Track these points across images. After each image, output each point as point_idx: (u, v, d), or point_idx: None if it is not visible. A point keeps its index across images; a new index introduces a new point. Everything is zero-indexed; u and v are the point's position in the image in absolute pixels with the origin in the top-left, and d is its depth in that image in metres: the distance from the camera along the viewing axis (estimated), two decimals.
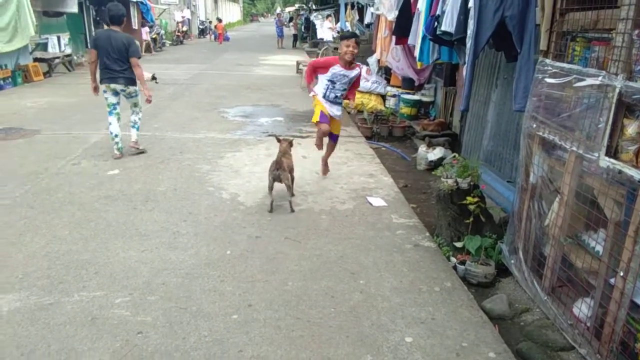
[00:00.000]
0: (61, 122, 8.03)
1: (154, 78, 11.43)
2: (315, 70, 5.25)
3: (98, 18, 19.34)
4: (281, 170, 4.55)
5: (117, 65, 5.95)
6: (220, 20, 30.38)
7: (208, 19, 35.54)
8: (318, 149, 5.54)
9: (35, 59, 12.90)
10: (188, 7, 31.45)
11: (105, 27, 6.35)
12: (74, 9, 14.92)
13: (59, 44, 14.72)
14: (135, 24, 22.09)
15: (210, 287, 3.33)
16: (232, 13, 51.75)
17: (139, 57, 6.20)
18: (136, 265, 3.59)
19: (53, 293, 3.20)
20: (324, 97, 5.16)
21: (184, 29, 28.58)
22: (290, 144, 5.05)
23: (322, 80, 5.16)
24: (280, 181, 4.56)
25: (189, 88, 11.79)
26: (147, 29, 22.49)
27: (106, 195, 4.89)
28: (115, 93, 6.16)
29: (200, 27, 34.11)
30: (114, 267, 3.55)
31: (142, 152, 6.36)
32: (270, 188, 4.62)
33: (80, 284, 3.32)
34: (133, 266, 3.58)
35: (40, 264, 3.56)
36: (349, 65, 5.03)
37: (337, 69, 5.02)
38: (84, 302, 3.11)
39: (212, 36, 31.44)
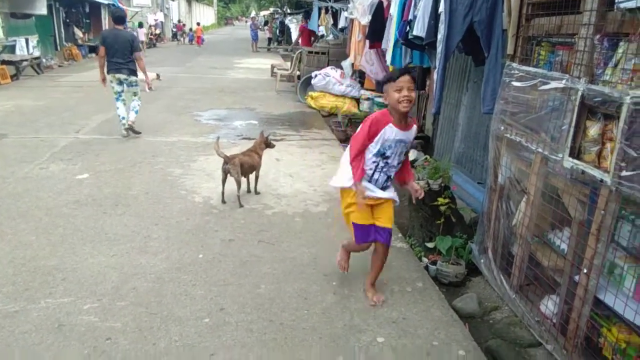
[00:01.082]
0: (29, 125, 7.84)
1: (158, 76, 11.93)
2: (363, 149, 3.01)
3: (68, 20, 19.00)
4: (230, 164, 4.72)
5: (121, 59, 7.05)
6: (199, 24, 31.96)
7: (182, 22, 35.23)
8: (340, 270, 3.51)
9: (2, 62, 12.57)
10: (161, 10, 31.13)
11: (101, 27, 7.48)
12: (43, 10, 14.63)
13: (27, 47, 14.40)
14: (106, 26, 21.80)
15: (182, 292, 3.29)
16: (206, 16, 51.38)
17: (140, 51, 7.46)
18: (105, 270, 3.53)
19: (18, 300, 3.11)
20: (370, 182, 3.09)
21: (157, 31, 28.31)
22: (265, 142, 5.11)
23: (366, 157, 3.03)
24: (231, 175, 4.75)
25: (162, 91, 11.64)
26: (144, 30, 24.26)
27: (75, 200, 4.79)
28: (120, 82, 7.22)
29: (174, 30, 33.81)
30: (82, 273, 3.48)
31: (138, 133, 7.33)
32: (223, 181, 4.84)
33: (47, 290, 3.24)
34: (102, 271, 3.51)
35: (5, 271, 3.46)
36: (405, 121, 2.98)
37: (390, 131, 2.93)
38: (51, 309, 3.03)
39: (187, 39, 31.41)
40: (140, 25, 24.53)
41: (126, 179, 5.47)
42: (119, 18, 7.39)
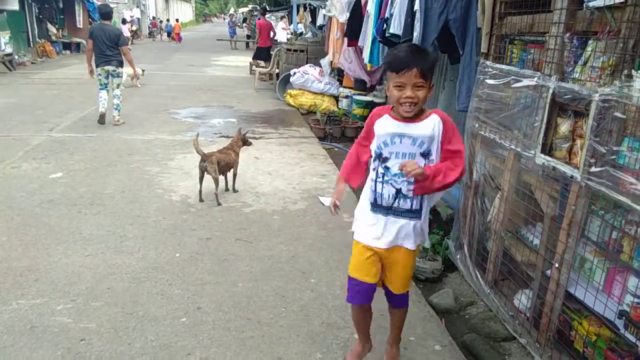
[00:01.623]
0: (0, 124, 7.65)
1: (143, 71, 11.87)
2: (358, 149, 2.49)
3: (41, 16, 18.60)
4: (208, 162, 4.71)
5: (110, 51, 7.66)
6: (177, 21, 32.64)
7: (159, 18, 34.81)
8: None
9: None
10: (137, 7, 30.68)
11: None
12: (15, 6, 14.30)
13: None
14: (80, 23, 21.41)
15: (158, 291, 3.26)
16: (184, 13, 50.81)
17: (126, 45, 8.22)
18: (80, 270, 3.47)
19: None
20: (373, 205, 2.33)
21: (134, 28, 27.91)
22: (241, 137, 5.08)
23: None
24: (208, 172, 4.74)
25: (139, 89, 11.49)
26: (128, 25, 25.07)
27: (48, 200, 4.70)
28: (107, 75, 7.81)
29: (150, 27, 33.41)
30: (56, 274, 3.41)
31: (123, 123, 7.93)
32: (200, 179, 4.83)
33: (19, 291, 3.17)
34: (76, 272, 3.45)
35: None
36: (412, 117, 2.18)
37: (384, 123, 2.26)
38: (23, 311, 2.97)
39: (165, 34, 31.30)
40: (124, 21, 25.17)
41: (101, 177, 5.38)
42: (106, 13, 7.93)
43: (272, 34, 14.66)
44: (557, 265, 2.57)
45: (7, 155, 6.04)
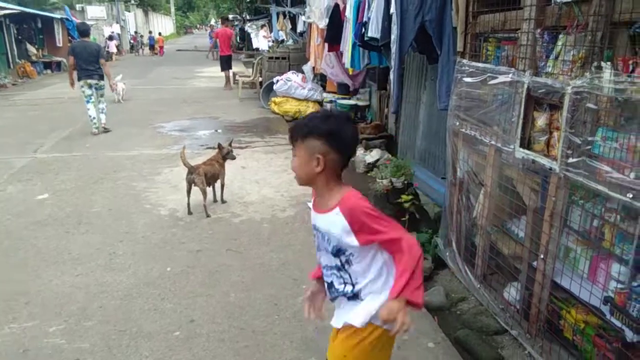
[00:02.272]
0: None
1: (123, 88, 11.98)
2: None
3: (20, 37, 18.48)
4: (195, 174, 4.72)
5: (91, 66, 8.30)
6: (160, 34, 33.79)
7: (139, 33, 34.71)
8: None
9: None
10: (117, 22, 30.57)
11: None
12: None
13: None
14: (60, 42, 21.28)
15: (150, 307, 3.25)
16: (164, 26, 50.68)
17: (106, 60, 9.02)
18: (70, 290, 3.45)
19: None
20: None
21: (116, 43, 27.83)
22: (222, 153, 5.05)
23: None
24: (196, 184, 4.75)
25: (122, 104, 11.44)
26: (115, 41, 26.58)
27: (35, 221, 4.67)
28: (90, 87, 8.37)
29: (131, 42, 33.31)
30: (47, 295, 3.40)
31: (109, 130, 8.54)
32: (188, 191, 4.83)
33: (10, 315, 3.16)
34: (67, 292, 3.43)
35: None
36: (323, 198, 1.79)
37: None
38: (15, 334, 2.96)
39: (147, 48, 31.50)
40: (111, 38, 26.49)
41: (88, 196, 5.36)
42: (85, 31, 8.72)
43: (232, 43, 14.64)
44: (542, 257, 2.61)
45: None
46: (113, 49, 25.87)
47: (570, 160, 2.33)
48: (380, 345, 1.83)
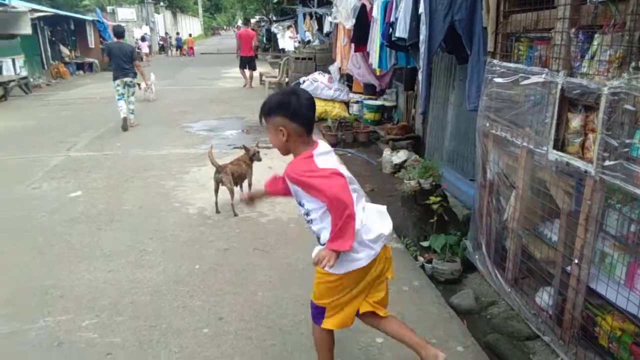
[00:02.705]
0: (19, 145, 7.83)
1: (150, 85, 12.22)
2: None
3: (53, 38, 18.98)
4: (223, 173, 4.77)
5: (126, 65, 8.98)
6: (190, 35, 35.41)
7: (169, 35, 35.29)
8: None
9: None
10: (147, 24, 31.14)
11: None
12: (28, 30, 14.62)
13: (14, 67, 14.36)
14: (92, 43, 21.78)
15: (180, 303, 3.30)
16: (192, 27, 51.39)
17: (138, 59, 10.09)
18: (103, 286, 3.54)
19: (17, 321, 3.12)
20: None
21: (147, 44, 28.46)
22: (250, 155, 5.08)
23: None
24: (223, 184, 4.79)
25: (151, 104, 11.66)
26: (147, 42, 27.87)
27: (69, 218, 4.79)
28: (124, 85, 9.00)
29: (161, 43, 33.90)
30: (80, 290, 3.48)
31: (137, 125, 9.24)
32: (216, 190, 4.89)
33: (45, 309, 3.25)
34: (99, 287, 3.52)
35: (2, 293, 3.46)
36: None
37: None
38: (50, 328, 3.04)
39: (175, 50, 32.09)
40: (143, 39, 27.66)
41: (119, 194, 5.48)
42: (120, 33, 9.41)
43: (253, 43, 14.93)
44: (576, 261, 2.55)
45: (28, 176, 6.17)
46: (145, 50, 26.75)
47: (607, 163, 2.27)
48: (338, 287, 2.24)
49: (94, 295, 3.42)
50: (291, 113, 2.10)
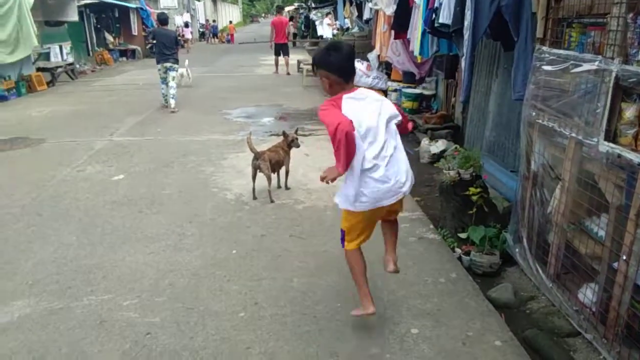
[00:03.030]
0: (65, 130, 8.11)
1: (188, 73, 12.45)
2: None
3: (99, 25, 19.48)
4: (261, 160, 4.79)
5: (168, 51, 9.43)
6: (231, 22, 36.52)
7: (209, 21, 35.68)
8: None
9: (38, 69, 13.01)
10: (188, 11, 31.54)
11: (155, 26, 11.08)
12: (75, 17, 15.05)
13: (61, 53, 14.84)
14: (135, 30, 22.24)
15: (217, 287, 3.36)
16: (232, 14, 51.78)
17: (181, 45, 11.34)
18: (143, 267, 3.63)
19: (62, 298, 3.24)
20: None
21: (190, 30, 29.01)
22: (288, 141, 5.08)
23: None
24: (261, 170, 4.81)
25: (190, 91, 11.83)
26: (190, 29, 28.34)
27: (112, 201, 4.94)
28: (165, 70, 9.54)
29: (201, 30, 34.32)
30: (121, 271, 3.59)
31: (177, 111, 9.42)
32: (253, 177, 4.92)
33: (89, 288, 3.36)
34: (140, 269, 3.61)
35: (49, 270, 3.60)
36: None
37: None
38: (93, 306, 3.15)
39: (212, 37, 32.44)
40: (187, 24, 28.21)
41: (160, 178, 5.60)
42: (164, 20, 10.04)
43: (287, 30, 15.28)
44: (624, 258, 2.45)
45: (73, 159, 6.39)
46: (188, 35, 27.32)
47: None
48: (351, 220, 2.81)
49: (134, 276, 3.52)
50: (330, 66, 2.61)
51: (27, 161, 6.37)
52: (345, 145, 2.43)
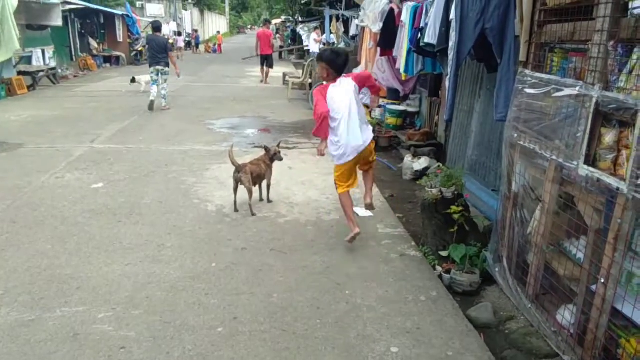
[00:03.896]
0: (45, 135, 7.96)
1: (132, 79, 13.14)
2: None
3: (83, 31, 19.29)
4: (242, 172, 4.79)
5: (159, 55, 10.36)
6: (219, 32, 36.51)
7: (195, 30, 35.62)
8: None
9: (20, 72, 12.79)
10: (174, 20, 31.48)
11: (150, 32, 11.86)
12: (59, 22, 14.86)
13: (43, 57, 14.62)
14: (120, 37, 22.08)
15: (195, 301, 3.30)
16: (218, 25, 51.81)
17: (172, 51, 11.87)
18: (120, 279, 3.55)
19: (34, 309, 3.15)
20: None
21: (171, 41, 28.69)
22: (270, 155, 5.07)
23: None
24: (242, 183, 4.81)
25: (174, 100, 11.74)
26: (182, 37, 29.32)
27: (90, 209, 4.84)
28: (157, 73, 10.44)
29: (187, 39, 34.22)
30: (97, 282, 3.51)
31: (168, 109, 10.55)
32: (235, 189, 4.91)
33: (63, 299, 3.28)
34: (116, 280, 3.53)
35: (22, 280, 3.50)
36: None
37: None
38: (66, 318, 3.06)
39: (196, 48, 32.40)
40: (180, 34, 29.26)
41: (140, 188, 5.52)
42: (157, 27, 10.99)
43: (271, 42, 16.14)
44: (602, 281, 2.48)
45: (52, 165, 6.26)
46: (181, 44, 27.97)
47: None
48: (339, 170, 4.20)
49: (110, 288, 3.44)
50: (331, 64, 4.06)
51: (3, 166, 6.22)
52: (323, 124, 4.00)
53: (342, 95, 4.02)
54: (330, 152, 4.14)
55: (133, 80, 13.04)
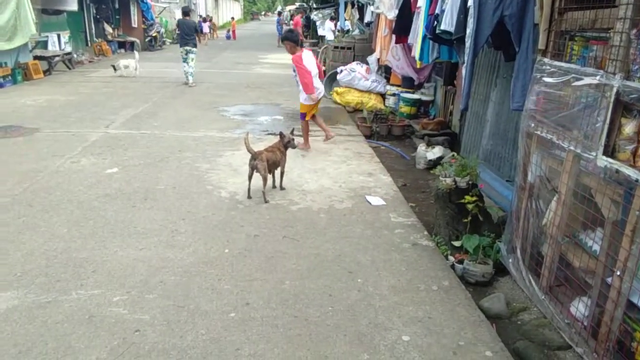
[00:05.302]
0: (60, 120, 8.04)
1: (113, 67, 13.50)
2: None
3: (98, 16, 19.35)
4: (258, 160, 4.78)
5: (188, 37, 11.82)
6: (233, 19, 37.17)
7: (209, 16, 35.48)
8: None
9: (35, 57, 12.90)
10: (188, 6, 31.38)
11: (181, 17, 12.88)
12: (74, 6, 14.93)
13: (59, 42, 14.72)
14: (134, 22, 22.12)
15: (208, 286, 3.33)
16: (232, 11, 51.66)
17: (201, 32, 15.88)
18: (134, 263, 3.60)
19: (51, 291, 3.21)
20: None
21: (208, 24, 28.96)
22: (284, 142, 5.07)
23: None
24: (258, 171, 4.80)
25: (188, 87, 11.78)
26: (208, 23, 29.95)
27: (105, 194, 4.89)
28: (186, 52, 11.81)
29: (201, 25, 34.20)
30: (112, 266, 3.55)
31: (195, 85, 11.96)
32: (250, 176, 4.91)
33: (78, 282, 3.33)
34: (131, 264, 3.58)
35: (38, 262, 3.56)
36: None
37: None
38: (82, 301, 3.11)
39: (212, 34, 32.17)
40: (205, 19, 30.01)
41: (154, 173, 5.56)
42: (186, 12, 12.65)
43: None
44: (618, 273, 2.45)
45: (68, 150, 6.33)
46: (206, 30, 28.56)
47: None
48: (308, 107, 6.72)
49: (125, 271, 3.48)
50: (292, 39, 6.57)
51: (20, 151, 6.31)
52: (308, 80, 6.30)
53: (311, 58, 6.56)
54: (310, 96, 6.47)
55: (115, 68, 13.40)
